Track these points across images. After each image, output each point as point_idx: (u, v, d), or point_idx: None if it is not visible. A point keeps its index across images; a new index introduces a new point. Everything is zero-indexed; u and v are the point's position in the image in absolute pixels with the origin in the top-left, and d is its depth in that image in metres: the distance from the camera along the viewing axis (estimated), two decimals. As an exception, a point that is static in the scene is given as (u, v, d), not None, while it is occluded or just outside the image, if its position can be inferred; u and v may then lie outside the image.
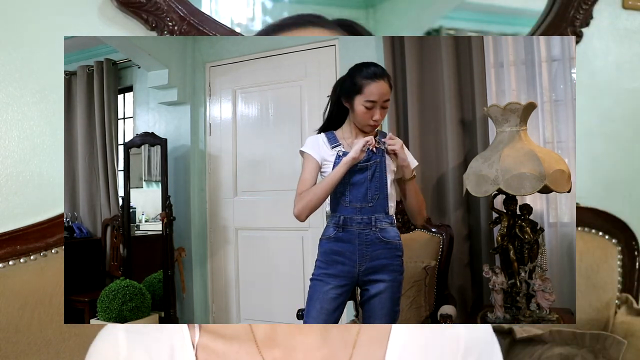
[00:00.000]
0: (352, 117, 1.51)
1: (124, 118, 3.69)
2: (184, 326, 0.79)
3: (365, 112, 1.44)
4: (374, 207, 1.46)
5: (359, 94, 1.44)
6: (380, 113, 1.45)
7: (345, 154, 1.47)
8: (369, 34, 0.86)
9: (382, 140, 1.50)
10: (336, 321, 1.48)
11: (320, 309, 1.44)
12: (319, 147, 1.51)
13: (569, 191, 1.86)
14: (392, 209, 1.51)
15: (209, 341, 0.78)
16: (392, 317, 1.47)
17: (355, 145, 1.45)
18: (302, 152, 1.53)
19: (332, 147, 1.50)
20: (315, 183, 1.50)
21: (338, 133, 1.54)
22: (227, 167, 3.12)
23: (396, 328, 0.82)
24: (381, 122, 1.50)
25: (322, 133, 1.54)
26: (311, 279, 1.51)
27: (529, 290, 1.87)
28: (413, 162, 1.54)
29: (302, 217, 1.47)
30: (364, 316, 1.52)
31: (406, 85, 2.47)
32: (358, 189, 1.47)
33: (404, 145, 1.53)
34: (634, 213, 1.72)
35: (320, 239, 1.53)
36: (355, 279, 1.48)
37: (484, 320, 1.90)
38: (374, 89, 1.42)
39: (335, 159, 1.49)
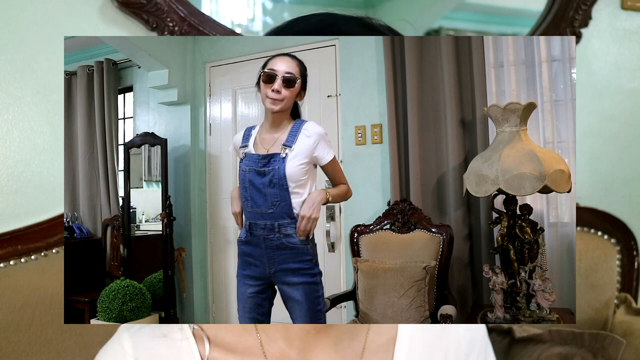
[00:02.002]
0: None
1: (124, 118, 3.69)
2: (191, 339, 0.76)
3: (266, 86, 1.43)
4: (276, 213, 1.44)
5: (263, 70, 1.45)
6: (281, 85, 1.41)
7: (247, 156, 1.49)
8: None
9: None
10: (264, 315, 1.51)
11: (244, 308, 1.50)
12: (237, 146, 1.55)
13: (569, 191, 1.87)
14: (297, 212, 1.45)
15: (219, 355, 0.76)
16: (315, 317, 1.46)
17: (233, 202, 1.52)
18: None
19: (240, 147, 1.52)
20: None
21: (257, 128, 1.55)
22: (227, 167, 3.12)
23: (402, 328, 0.82)
24: (286, 100, 1.44)
25: (244, 129, 1.57)
26: (237, 276, 1.56)
27: (529, 290, 1.88)
28: (328, 157, 1.48)
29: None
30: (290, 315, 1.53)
31: (406, 85, 2.47)
32: (258, 194, 1.44)
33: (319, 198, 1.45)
34: (634, 213, 1.72)
35: (237, 240, 1.55)
36: (269, 279, 1.50)
37: (484, 320, 1.91)
38: (275, 61, 1.45)
39: (239, 162, 1.52)
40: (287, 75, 1.42)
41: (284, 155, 1.43)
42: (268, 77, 1.42)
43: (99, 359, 0.76)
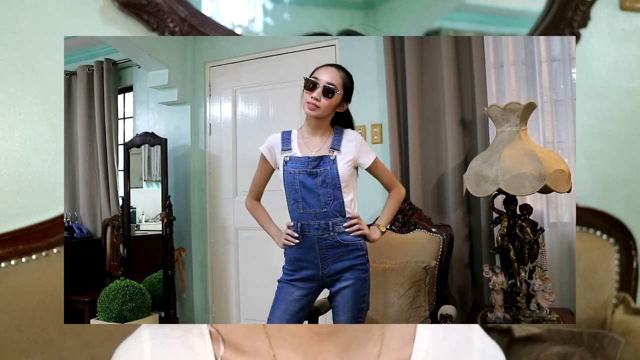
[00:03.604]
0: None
1: (124, 118, 3.69)
2: (207, 339, 0.79)
3: (307, 92, 1.49)
4: (329, 212, 1.49)
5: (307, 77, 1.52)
6: (319, 94, 1.47)
7: (292, 159, 1.51)
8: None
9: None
10: (300, 321, 1.53)
11: (285, 310, 1.50)
12: (274, 149, 1.57)
13: (569, 191, 1.87)
14: (349, 211, 1.52)
15: (232, 356, 0.78)
16: (358, 314, 1.52)
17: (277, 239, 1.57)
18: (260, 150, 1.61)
19: (282, 151, 1.54)
20: (265, 184, 1.65)
21: (296, 132, 1.58)
22: (227, 167, 3.12)
23: (421, 328, 0.82)
24: (324, 108, 1.50)
25: (280, 133, 1.59)
26: (279, 282, 1.57)
27: (529, 290, 1.88)
28: (370, 158, 1.58)
29: (249, 211, 1.69)
30: (332, 312, 1.57)
31: (406, 85, 2.48)
32: (311, 195, 1.49)
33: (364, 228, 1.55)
34: (632, 213, 1.72)
35: (286, 248, 1.56)
36: (320, 281, 1.53)
37: (484, 320, 1.91)
38: (321, 70, 1.51)
39: (283, 165, 1.53)
40: (327, 85, 1.48)
41: (333, 158, 1.51)
42: (310, 85, 1.49)
43: (117, 356, 0.78)
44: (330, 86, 1.48)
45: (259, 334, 0.79)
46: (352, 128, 1.63)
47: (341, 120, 1.61)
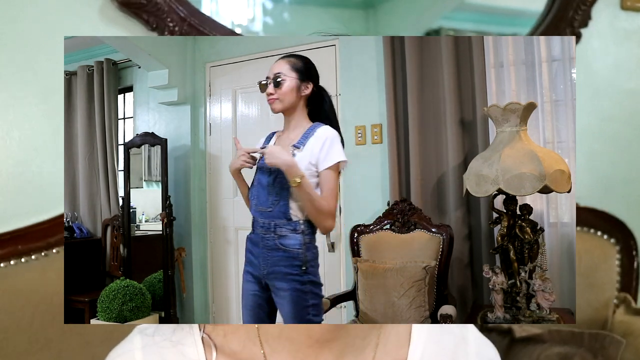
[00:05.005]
0: None
1: (124, 118, 3.69)
2: (200, 345, 0.77)
3: (265, 93, 1.52)
4: (274, 213, 1.43)
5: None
6: (272, 88, 1.48)
7: (263, 158, 1.50)
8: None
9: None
10: (262, 320, 1.48)
11: (246, 305, 1.51)
12: (257, 147, 1.59)
13: (569, 191, 1.87)
14: (297, 215, 1.42)
15: None
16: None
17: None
18: None
19: (261, 149, 1.55)
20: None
21: (279, 132, 1.61)
22: (227, 167, 3.11)
23: (416, 328, 0.82)
24: (283, 98, 1.47)
25: (270, 132, 1.64)
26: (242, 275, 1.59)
27: (529, 290, 1.88)
28: (326, 163, 1.39)
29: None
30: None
31: (406, 85, 2.47)
32: (261, 192, 1.49)
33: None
34: (633, 213, 1.72)
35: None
36: (262, 281, 1.48)
37: (484, 320, 1.91)
38: (269, 68, 1.53)
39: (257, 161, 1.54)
40: (273, 77, 1.48)
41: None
42: (262, 87, 1.52)
43: None
44: (276, 75, 1.47)
45: (254, 338, 0.78)
46: (333, 115, 1.54)
47: (325, 113, 1.53)
